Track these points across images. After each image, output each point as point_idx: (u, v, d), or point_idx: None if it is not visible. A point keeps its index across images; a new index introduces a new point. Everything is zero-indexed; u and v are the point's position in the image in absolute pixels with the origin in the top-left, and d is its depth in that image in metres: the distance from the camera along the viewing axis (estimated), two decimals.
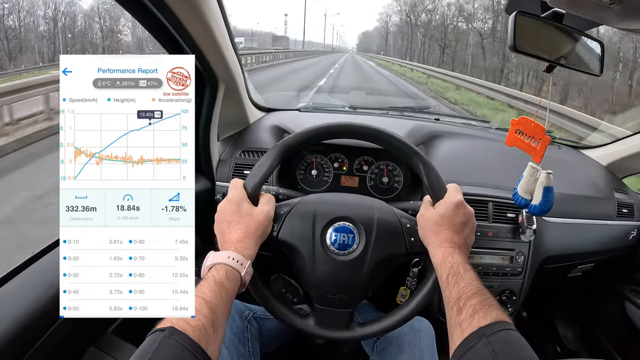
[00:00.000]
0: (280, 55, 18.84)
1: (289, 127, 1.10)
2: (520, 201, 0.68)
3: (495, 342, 0.44)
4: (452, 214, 0.61)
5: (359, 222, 0.66)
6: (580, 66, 0.66)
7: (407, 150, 0.68)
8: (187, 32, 0.71)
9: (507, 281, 0.94)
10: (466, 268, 0.55)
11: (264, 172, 0.65)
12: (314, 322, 0.68)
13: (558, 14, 0.59)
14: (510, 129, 0.66)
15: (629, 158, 1.14)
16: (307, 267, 0.66)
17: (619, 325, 1.18)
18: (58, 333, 0.61)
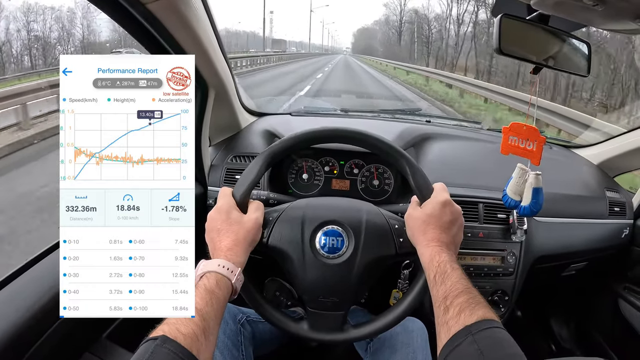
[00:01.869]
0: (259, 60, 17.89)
1: (280, 131, 1.10)
2: (509, 202, 0.69)
3: (480, 341, 0.44)
4: (439, 213, 0.61)
5: (347, 225, 0.67)
6: (568, 67, 0.67)
7: (392, 152, 0.69)
8: (173, 39, 0.71)
9: (499, 281, 0.95)
10: (453, 267, 0.55)
11: (252, 179, 0.66)
12: (307, 326, 0.69)
13: (544, 16, 0.60)
14: (503, 137, 0.67)
15: (620, 157, 1.15)
16: (298, 272, 0.66)
17: (613, 323, 1.19)
18: (53, 339, 0.60)
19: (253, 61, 16.37)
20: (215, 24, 0.81)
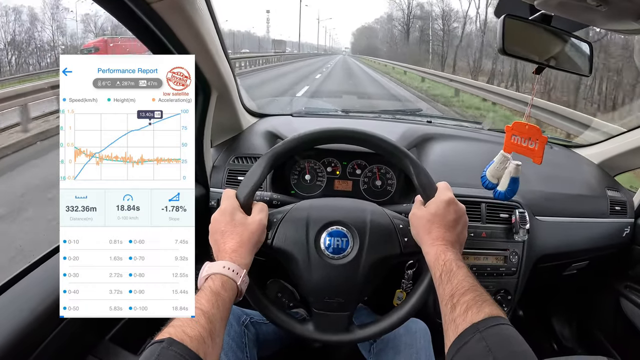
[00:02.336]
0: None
1: (282, 132, 1.10)
2: (487, 184, 0.71)
3: (489, 338, 0.44)
4: (443, 212, 0.61)
5: (352, 225, 0.67)
6: (570, 67, 0.67)
7: (395, 151, 0.69)
8: (177, 39, 0.70)
9: (502, 281, 0.95)
10: (459, 265, 0.55)
11: (255, 181, 0.66)
12: (313, 327, 0.69)
13: (546, 16, 0.60)
14: (505, 136, 0.67)
15: (621, 156, 1.16)
16: (303, 273, 0.66)
17: (615, 322, 1.20)
18: (55, 342, 0.60)
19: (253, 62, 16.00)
20: (218, 24, 0.81)
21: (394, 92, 10.53)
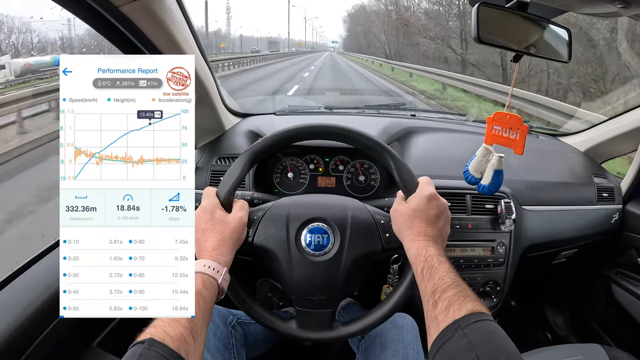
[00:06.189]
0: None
1: (264, 131, 1.09)
2: (470, 179, 0.70)
3: (470, 334, 0.44)
4: (424, 207, 0.61)
5: (332, 222, 0.67)
6: (549, 54, 0.66)
7: (375, 146, 0.69)
8: (149, 41, 0.69)
9: (490, 272, 0.95)
10: (440, 260, 0.54)
11: (235, 178, 0.66)
12: (296, 325, 0.69)
13: (522, 3, 0.59)
14: (487, 127, 0.67)
15: (606, 143, 1.15)
16: (284, 270, 0.66)
17: (607, 309, 1.20)
18: (44, 347, 0.60)
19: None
20: (192, 25, 0.80)
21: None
